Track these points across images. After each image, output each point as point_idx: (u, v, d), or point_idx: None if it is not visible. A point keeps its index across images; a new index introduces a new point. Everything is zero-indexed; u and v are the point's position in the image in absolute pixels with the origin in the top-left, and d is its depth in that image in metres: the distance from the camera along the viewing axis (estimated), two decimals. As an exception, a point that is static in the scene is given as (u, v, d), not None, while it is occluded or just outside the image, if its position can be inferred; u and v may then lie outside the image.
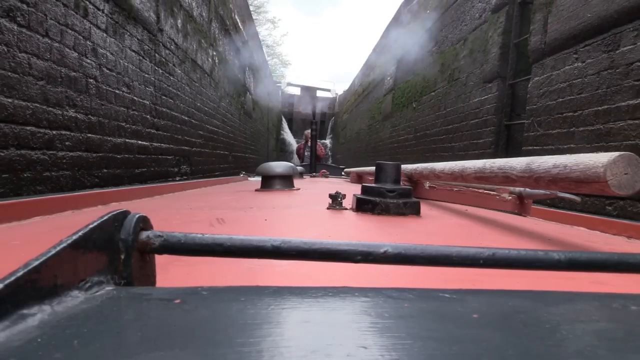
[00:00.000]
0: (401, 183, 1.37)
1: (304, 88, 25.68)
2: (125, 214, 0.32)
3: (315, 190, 2.48)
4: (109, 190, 1.66)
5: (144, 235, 0.33)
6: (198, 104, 6.29)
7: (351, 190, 1.62)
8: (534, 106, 4.27)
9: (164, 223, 1.00)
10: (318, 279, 0.55)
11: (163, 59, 4.77)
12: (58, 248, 0.26)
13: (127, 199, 1.64)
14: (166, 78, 4.88)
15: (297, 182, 2.79)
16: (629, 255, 0.34)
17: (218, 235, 0.33)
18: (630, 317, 0.27)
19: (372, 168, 1.58)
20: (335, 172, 6.57)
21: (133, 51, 3.95)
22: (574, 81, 3.70)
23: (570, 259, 0.33)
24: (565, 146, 3.74)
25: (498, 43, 5.23)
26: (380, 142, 11.40)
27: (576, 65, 3.69)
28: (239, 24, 9.59)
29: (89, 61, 3.15)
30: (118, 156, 3.65)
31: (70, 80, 2.89)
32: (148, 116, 4.35)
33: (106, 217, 0.31)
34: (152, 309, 0.25)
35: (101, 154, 3.35)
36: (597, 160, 0.71)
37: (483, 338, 0.22)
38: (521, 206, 1.47)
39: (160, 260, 0.36)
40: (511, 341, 0.22)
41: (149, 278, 0.35)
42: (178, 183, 2.60)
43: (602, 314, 0.27)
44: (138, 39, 4.06)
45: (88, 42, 3.13)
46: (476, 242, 0.93)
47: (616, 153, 0.69)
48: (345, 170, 5.64)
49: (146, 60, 4.28)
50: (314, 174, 5.42)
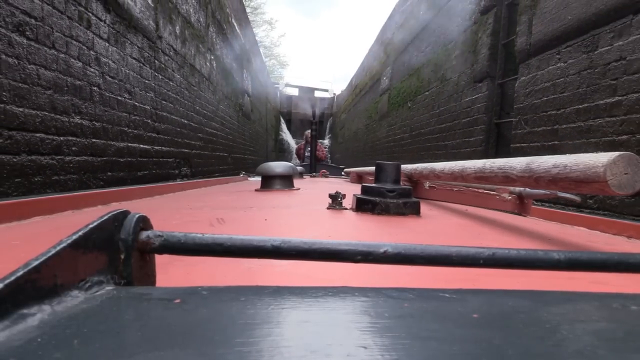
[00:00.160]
0: (401, 183, 1.37)
1: (302, 88, 25.83)
2: (125, 214, 0.33)
3: (315, 190, 2.48)
4: (109, 190, 1.67)
5: (144, 235, 0.33)
6: (197, 108, 6.45)
7: (351, 190, 1.63)
8: (521, 105, 4.43)
9: (164, 223, 1.01)
10: (318, 279, 0.55)
11: (162, 65, 4.93)
12: (58, 248, 0.26)
13: (127, 199, 1.64)
14: (166, 83, 5.04)
15: (297, 182, 2.79)
16: (629, 255, 0.34)
17: (218, 235, 0.33)
18: (630, 317, 0.27)
19: (372, 168, 1.60)
20: (335, 172, 6.64)
21: (134, 59, 4.11)
22: (557, 80, 3.86)
23: (570, 259, 0.33)
24: (549, 143, 3.90)
25: (487, 44, 5.39)
26: (377, 142, 11.55)
27: (559, 65, 3.85)
28: (236, 28, 9.75)
29: (93, 70, 3.31)
30: (121, 160, 3.81)
31: (75, 88, 3.05)
32: (149, 121, 4.51)
33: (106, 217, 0.31)
34: (152, 309, 0.25)
35: (105, 158, 3.52)
36: (597, 160, 0.70)
37: (483, 338, 0.22)
38: (521, 206, 1.47)
39: (160, 260, 0.36)
40: (511, 341, 0.22)
41: (149, 278, 0.35)
42: (178, 183, 2.63)
43: (602, 314, 0.27)
44: (138, 47, 4.22)
45: (91, 52, 3.29)
46: (476, 242, 0.93)
47: (616, 153, 0.69)
48: (345, 170, 5.67)
49: (146, 66, 4.44)
50: (314, 174, 5.43)
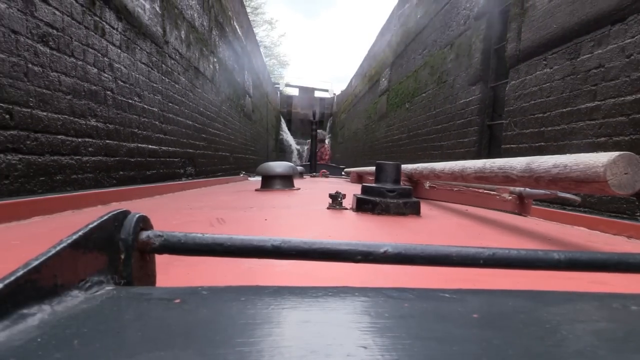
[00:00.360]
0: (401, 183, 1.38)
1: (303, 89, 26.01)
2: (125, 214, 0.33)
3: (315, 190, 2.49)
4: (109, 190, 1.69)
5: (144, 235, 0.33)
6: (201, 109, 6.68)
7: (351, 190, 1.64)
8: (511, 108, 4.66)
9: (164, 223, 1.01)
10: (318, 279, 0.55)
11: (169, 69, 5.15)
12: (58, 248, 0.26)
13: (127, 199, 1.65)
14: (172, 86, 5.27)
15: (297, 182, 2.81)
16: (629, 255, 0.34)
17: (218, 235, 0.33)
18: (630, 317, 0.27)
19: (373, 168, 1.60)
20: (335, 172, 6.76)
21: (143, 63, 4.33)
22: (543, 85, 4.08)
23: (570, 259, 0.33)
24: (536, 144, 4.12)
25: (480, 49, 5.61)
26: (376, 142, 11.78)
27: (545, 70, 4.07)
28: (238, 30, 9.97)
29: (107, 75, 3.53)
30: (132, 159, 4.04)
31: (91, 93, 3.27)
32: (157, 122, 4.74)
33: (106, 217, 0.31)
34: (152, 309, 0.25)
35: (118, 158, 3.74)
36: (597, 160, 0.70)
37: (483, 338, 0.22)
38: (521, 206, 1.47)
39: (160, 260, 0.36)
40: (511, 341, 0.22)
41: (149, 278, 0.34)
42: (178, 183, 2.71)
43: (602, 314, 0.27)
44: (147, 52, 4.44)
45: (105, 59, 3.51)
46: (476, 242, 0.93)
47: (616, 153, 0.69)
48: (345, 170, 5.77)
49: (154, 70, 4.66)
50: (314, 174, 5.52)
